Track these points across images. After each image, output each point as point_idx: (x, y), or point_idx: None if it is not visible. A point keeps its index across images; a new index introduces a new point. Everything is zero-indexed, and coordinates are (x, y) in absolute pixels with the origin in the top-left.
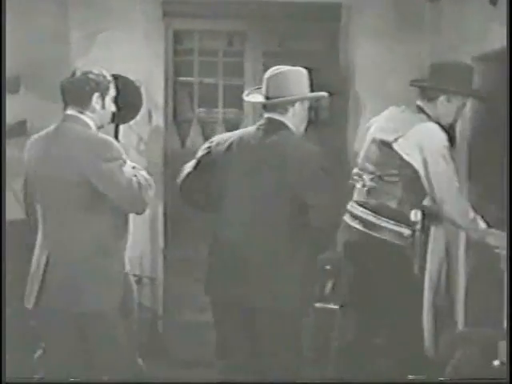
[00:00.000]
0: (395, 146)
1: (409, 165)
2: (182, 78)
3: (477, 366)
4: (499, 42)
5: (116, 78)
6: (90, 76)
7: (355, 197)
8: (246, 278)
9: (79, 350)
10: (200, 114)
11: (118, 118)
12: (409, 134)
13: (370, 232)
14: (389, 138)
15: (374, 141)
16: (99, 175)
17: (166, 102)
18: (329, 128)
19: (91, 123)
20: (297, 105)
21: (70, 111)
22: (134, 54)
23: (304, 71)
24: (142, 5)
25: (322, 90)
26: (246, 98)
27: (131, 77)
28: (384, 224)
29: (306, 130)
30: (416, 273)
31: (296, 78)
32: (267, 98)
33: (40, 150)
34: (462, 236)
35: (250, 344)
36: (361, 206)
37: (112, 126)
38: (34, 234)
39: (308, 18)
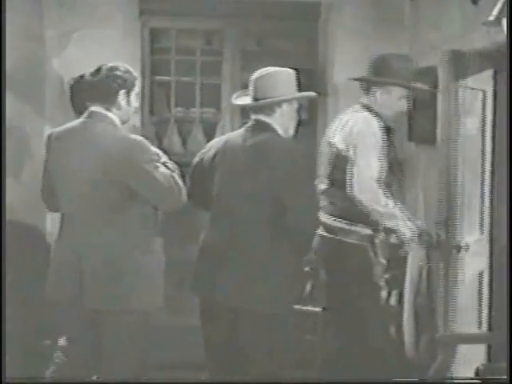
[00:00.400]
0: (332, 140)
1: (346, 157)
2: (158, 77)
3: (458, 368)
4: (480, 41)
5: None
6: (117, 73)
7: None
8: (228, 279)
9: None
10: (177, 113)
11: None
12: (344, 125)
13: (331, 235)
14: (329, 135)
15: (324, 144)
16: (139, 177)
17: (142, 101)
18: (307, 128)
19: (117, 120)
20: (284, 106)
21: (95, 108)
22: (110, 52)
23: (292, 72)
24: (118, 3)
25: (300, 90)
26: (234, 102)
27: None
28: (340, 225)
29: (296, 131)
30: (376, 274)
31: (283, 78)
32: (255, 99)
33: (65, 146)
34: None
35: (233, 345)
36: (321, 211)
37: None
38: None
39: (287, 17)
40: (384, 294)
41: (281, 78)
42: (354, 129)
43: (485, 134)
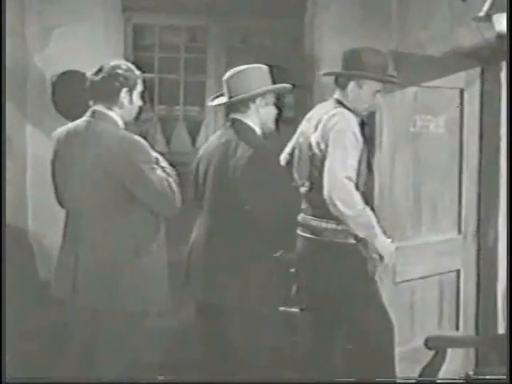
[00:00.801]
0: (310, 139)
1: (324, 157)
2: (141, 75)
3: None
4: (469, 38)
5: (72, 73)
6: (119, 71)
7: (303, 207)
8: (208, 279)
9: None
10: (160, 111)
11: (75, 115)
12: (320, 122)
13: (317, 237)
14: (306, 135)
15: (298, 144)
16: (134, 177)
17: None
18: (293, 125)
19: (118, 120)
20: (258, 101)
21: (97, 107)
22: (92, 49)
23: (264, 67)
24: None
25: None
26: (210, 103)
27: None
28: (326, 226)
29: (276, 125)
30: (371, 269)
31: (255, 74)
32: (231, 98)
33: (68, 145)
34: None
35: (225, 344)
36: (304, 213)
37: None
38: None
39: (272, 14)
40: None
41: (252, 74)
42: (331, 125)
43: (462, 132)
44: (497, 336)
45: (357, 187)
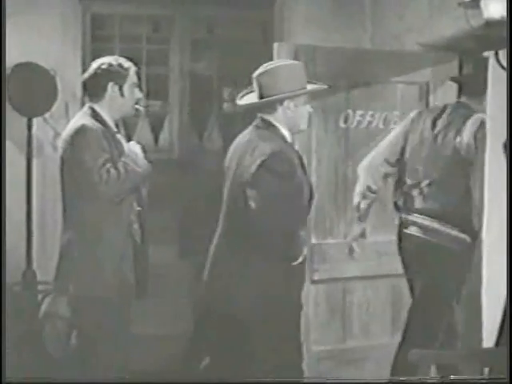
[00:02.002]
0: (453, 143)
1: (468, 162)
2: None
3: None
4: (449, 28)
5: (28, 66)
6: (103, 66)
7: (411, 205)
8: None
9: None
10: None
11: (31, 111)
12: (464, 128)
13: (429, 238)
14: (443, 137)
15: (422, 143)
16: (70, 164)
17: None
18: None
19: (103, 113)
20: (286, 103)
21: (89, 103)
22: (48, 39)
23: (300, 65)
24: None
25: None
26: (238, 102)
27: (45, 65)
28: (443, 229)
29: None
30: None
31: (287, 73)
32: (261, 97)
33: None
34: None
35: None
36: (419, 213)
37: (24, 120)
38: None
39: (240, 3)
40: None
41: (284, 73)
42: (480, 134)
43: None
44: (488, 350)
45: None
